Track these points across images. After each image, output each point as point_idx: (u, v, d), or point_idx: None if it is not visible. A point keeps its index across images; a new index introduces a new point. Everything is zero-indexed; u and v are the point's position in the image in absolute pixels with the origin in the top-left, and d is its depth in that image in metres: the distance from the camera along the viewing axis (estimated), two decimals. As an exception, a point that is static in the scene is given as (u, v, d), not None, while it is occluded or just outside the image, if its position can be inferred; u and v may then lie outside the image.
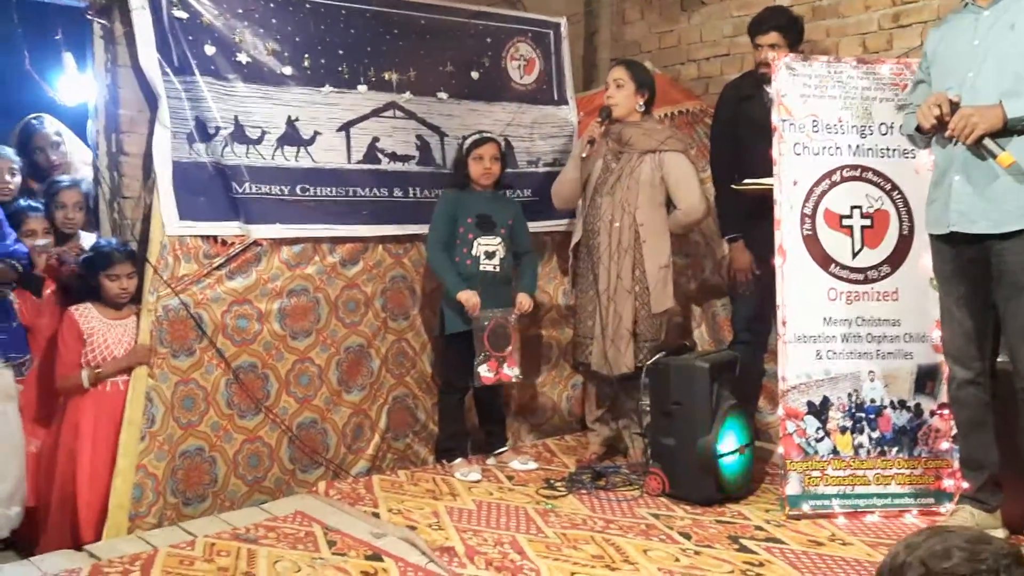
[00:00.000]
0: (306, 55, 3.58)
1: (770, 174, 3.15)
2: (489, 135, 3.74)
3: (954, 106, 2.55)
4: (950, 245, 2.70)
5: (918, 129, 2.70)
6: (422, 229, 3.74)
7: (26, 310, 3.17)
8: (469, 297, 3.52)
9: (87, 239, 3.40)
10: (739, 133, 3.54)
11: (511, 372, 3.64)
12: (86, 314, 3.15)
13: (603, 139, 3.62)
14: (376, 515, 3.13)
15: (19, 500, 2.96)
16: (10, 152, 3.43)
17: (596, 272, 3.58)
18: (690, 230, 3.86)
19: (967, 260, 2.67)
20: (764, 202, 3.18)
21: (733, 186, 3.35)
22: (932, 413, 3.09)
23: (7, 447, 2.84)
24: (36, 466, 3.12)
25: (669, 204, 3.62)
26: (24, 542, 3.04)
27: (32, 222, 3.27)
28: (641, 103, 3.63)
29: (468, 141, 3.70)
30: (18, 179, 3.37)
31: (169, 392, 3.20)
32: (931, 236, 2.79)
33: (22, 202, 3.34)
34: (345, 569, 2.65)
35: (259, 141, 3.45)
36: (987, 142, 2.49)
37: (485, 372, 3.57)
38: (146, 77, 3.29)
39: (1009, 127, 2.49)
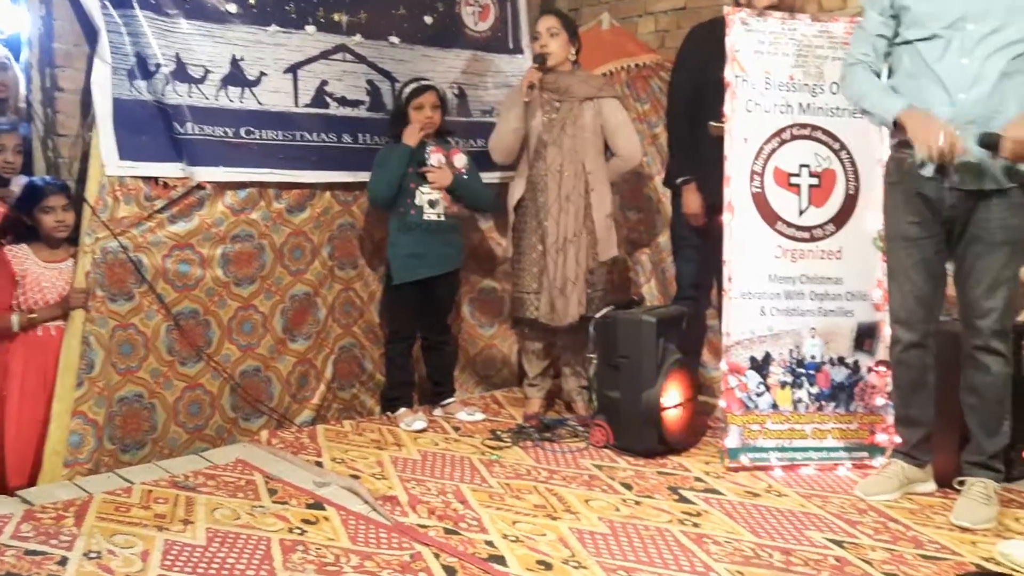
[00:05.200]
0: (252, -8, 3.47)
1: None
2: (428, 83, 3.66)
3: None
4: (927, 203, 2.64)
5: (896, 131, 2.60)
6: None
7: None
8: (411, 133, 3.54)
9: (20, 179, 3.27)
10: (707, 75, 3.47)
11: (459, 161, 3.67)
12: (20, 255, 3.05)
13: (540, 89, 3.57)
14: (319, 464, 3.11)
15: None
16: None
17: (544, 224, 3.56)
18: (625, 178, 3.89)
19: (946, 219, 2.62)
20: (719, 150, 3.16)
21: (711, 123, 3.27)
22: (869, 370, 3.16)
23: None
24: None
25: (606, 152, 3.64)
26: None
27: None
28: (573, 52, 3.62)
29: (407, 90, 3.62)
30: None
31: (107, 337, 3.13)
32: (902, 192, 2.69)
33: None
34: (286, 517, 2.64)
35: (202, 80, 3.34)
36: None
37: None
38: (83, 8, 3.16)
39: None
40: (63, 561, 2.31)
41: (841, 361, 3.16)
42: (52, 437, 2.99)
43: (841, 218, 3.18)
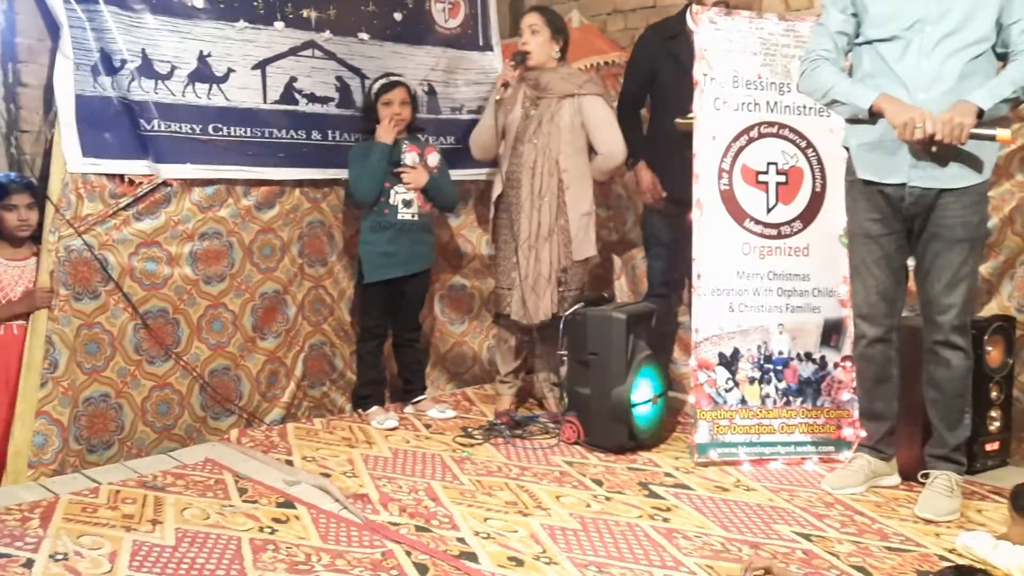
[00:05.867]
0: (219, -13, 3.43)
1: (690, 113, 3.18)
2: (398, 78, 3.64)
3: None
4: (887, 200, 2.68)
5: (870, 119, 2.60)
6: (341, 173, 3.67)
7: None
8: (385, 131, 3.53)
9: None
10: (658, 71, 3.54)
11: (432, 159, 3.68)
12: (-19, 253, 3.01)
13: (519, 85, 3.57)
14: (290, 463, 3.10)
15: None
16: None
17: (517, 220, 3.56)
18: (611, 176, 3.84)
19: (906, 216, 2.65)
20: (680, 145, 3.18)
21: (677, 119, 3.30)
22: (836, 365, 3.20)
23: None
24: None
25: (590, 151, 3.61)
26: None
27: None
28: (557, 50, 3.59)
29: (376, 85, 3.61)
30: None
31: (72, 336, 3.09)
32: (862, 189, 2.72)
33: None
34: (256, 516, 2.62)
35: (168, 76, 3.30)
36: (975, 131, 2.46)
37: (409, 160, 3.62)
38: (46, 3, 3.11)
39: (982, 118, 2.46)
40: (29, 563, 2.28)
41: (808, 357, 3.20)
42: (16, 438, 2.95)
43: (808, 215, 3.22)
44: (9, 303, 3.00)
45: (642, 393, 3.28)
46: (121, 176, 3.22)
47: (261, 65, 3.54)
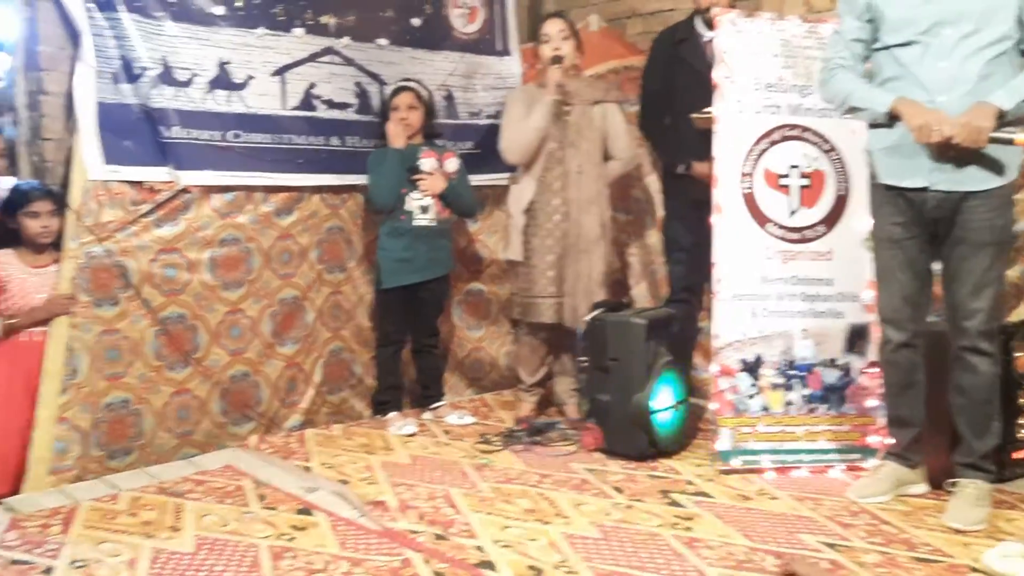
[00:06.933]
0: (239, -6, 3.45)
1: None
2: (405, 83, 3.65)
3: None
4: (909, 204, 2.64)
5: (888, 122, 2.59)
6: (360, 179, 3.67)
7: None
8: (395, 135, 3.54)
9: (6, 183, 3.25)
10: (673, 74, 3.55)
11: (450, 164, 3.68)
12: (3, 260, 3.03)
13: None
14: (308, 469, 3.09)
15: None
16: None
17: (562, 226, 3.53)
18: (616, 181, 3.84)
19: (929, 220, 2.62)
20: (703, 144, 3.16)
21: (692, 115, 3.28)
22: (861, 372, 3.15)
23: None
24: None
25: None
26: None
27: None
28: (578, 57, 3.63)
29: (388, 92, 3.63)
30: None
31: (92, 342, 3.10)
32: (884, 193, 2.70)
33: None
34: (274, 523, 2.61)
35: (188, 84, 3.32)
36: (993, 135, 2.42)
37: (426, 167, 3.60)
38: (68, 12, 3.13)
39: (1004, 119, 2.42)
40: (49, 570, 2.29)
41: (832, 363, 3.15)
42: (37, 444, 2.97)
43: (832, 219, 3.17)
44: (31, 310, 3.02)
45: (663, 399, 3.24)
46: (141, 183, 3.24)
47: (280, 72, 3.55)
